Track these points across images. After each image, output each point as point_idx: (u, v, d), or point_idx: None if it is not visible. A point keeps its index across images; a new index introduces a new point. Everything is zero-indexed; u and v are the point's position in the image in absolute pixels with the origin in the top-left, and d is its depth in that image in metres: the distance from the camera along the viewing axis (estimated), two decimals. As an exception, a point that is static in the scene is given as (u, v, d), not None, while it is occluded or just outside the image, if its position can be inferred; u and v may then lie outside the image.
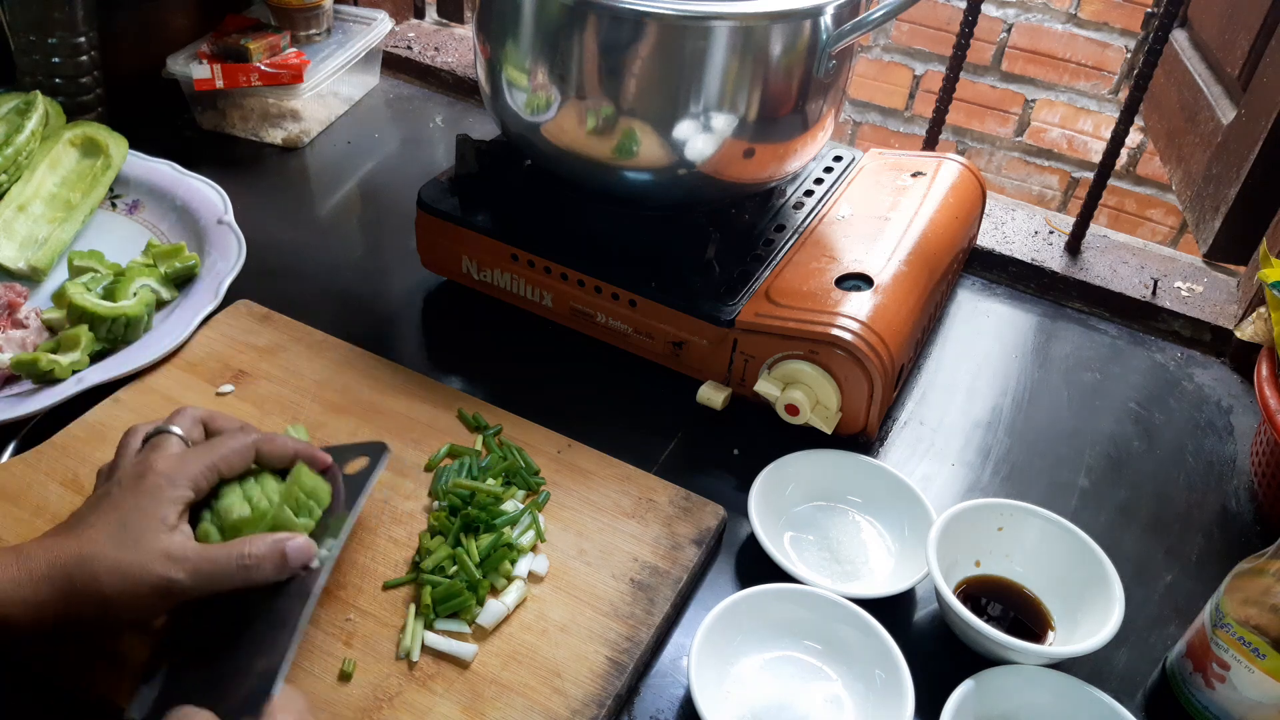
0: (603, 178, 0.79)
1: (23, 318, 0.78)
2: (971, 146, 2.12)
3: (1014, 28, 1.95)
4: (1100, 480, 0.78)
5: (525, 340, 0.85)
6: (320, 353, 0.79)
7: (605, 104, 0.73)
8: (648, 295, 0.78)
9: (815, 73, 0.75)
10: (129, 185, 0.95)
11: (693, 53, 0.70)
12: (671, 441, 0.77)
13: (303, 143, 1.10)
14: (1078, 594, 0.64)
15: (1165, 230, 2.02)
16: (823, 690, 0.60)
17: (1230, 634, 0.57)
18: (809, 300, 0.75)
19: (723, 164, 0.77)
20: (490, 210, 0.84)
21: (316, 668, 0.57)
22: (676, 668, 0.62)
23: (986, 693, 0.58)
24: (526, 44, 0.74)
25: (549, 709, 0.56)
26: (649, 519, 0.68)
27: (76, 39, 0.96)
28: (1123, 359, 0.91)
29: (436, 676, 0.58)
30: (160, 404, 0.73)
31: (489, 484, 0.67)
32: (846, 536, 0.70)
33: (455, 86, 1.24)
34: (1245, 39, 1.03)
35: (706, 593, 0.67)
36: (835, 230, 0.84)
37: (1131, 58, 1.91)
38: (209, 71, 1.03)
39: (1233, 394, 0.89)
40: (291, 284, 0.89)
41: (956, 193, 0.89)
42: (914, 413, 0.83)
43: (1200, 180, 1.06)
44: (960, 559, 0.66)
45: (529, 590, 0.63)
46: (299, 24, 1.12)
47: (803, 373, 0.74)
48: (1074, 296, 0.98)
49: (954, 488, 0.77)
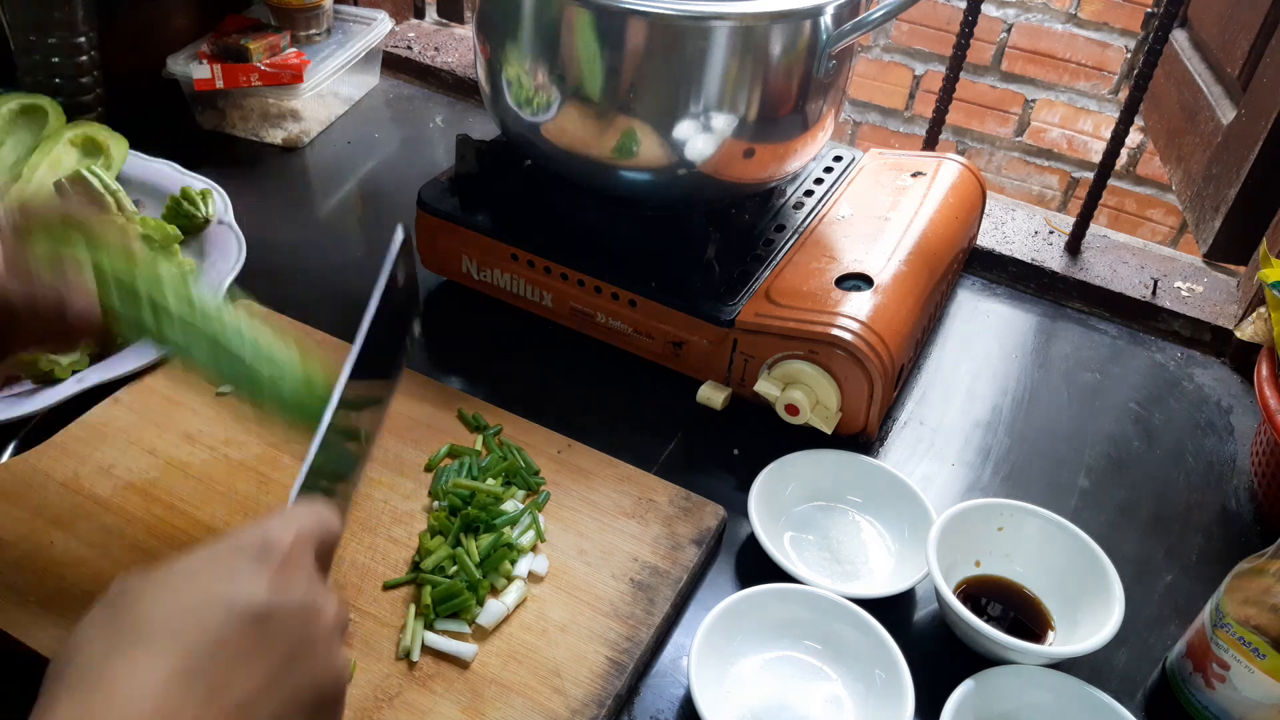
0: (603, 178, 0.79)
1: (23, 318, 0.78)
2: (971, 146, 2.12)
3: (1014, 28, 1.95)
4: (1100, 480, 0.78)
5: (525, 340, 0.85)
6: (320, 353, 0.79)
7: (605, 104, 0.73)
8: (648, 295, 0.78)
9: (815, 73, 0.75)
10: (129, 185, 0.94)
11: (693, 53, 0.70)
12: (671, 441, 0.77)
13: (303, 143, 1.10)
14: (1078, 594, 0.64)
15: (1165, 230, 2.02)
16: (823, 690, 0.60)
17: (1230, 634, 0.57)
18: (809, 300, 0.75)
19: (723, 164, 0.77)
20: (490, 210, 0.84)
21: (316, 668, 0.57)
22: (676, 668, 0.62)
23: (986, 693, 0.58)
24: (526, 44, 0.74)
25: (549, 709, 0.56)
26: (649, 519, 0.68)
27: (76, 39, 0.96)
28: (1123, 359, 0.91)
29: (436, 676, 0.58)
30: (160, 404, 0.73)
31: (489, 484, 0.67)
32: (846, 536, 0.70)
33: (455, 86, 1.24)
34: (1245, 39, 1.03)
35: (706, 593, 0.67)
36: (835, 230, 0.84)
37: (1131, 58, 1.91)
38: (209, 71, 1.03)
39: (1233, 394, 0.89)
40: (291, 284, 0.89)
41: (956, 193, 0.89)
42: (914, 413, 0.83)
43: (1200, 180, 1.06)
44: (960, 559, 0.66)
45: (529, 590, 0.63)
46: (299, 24, 1.12)
47: (803, 373, 0.74)
48: (1074, 296, 0.98)
49: (954, 488, 0.77)
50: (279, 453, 0.70)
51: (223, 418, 0.72)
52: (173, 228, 0.86)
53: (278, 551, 0.41)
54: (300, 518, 0.43)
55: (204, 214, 0.89)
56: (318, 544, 0.43)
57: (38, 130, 0.95)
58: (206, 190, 0.91)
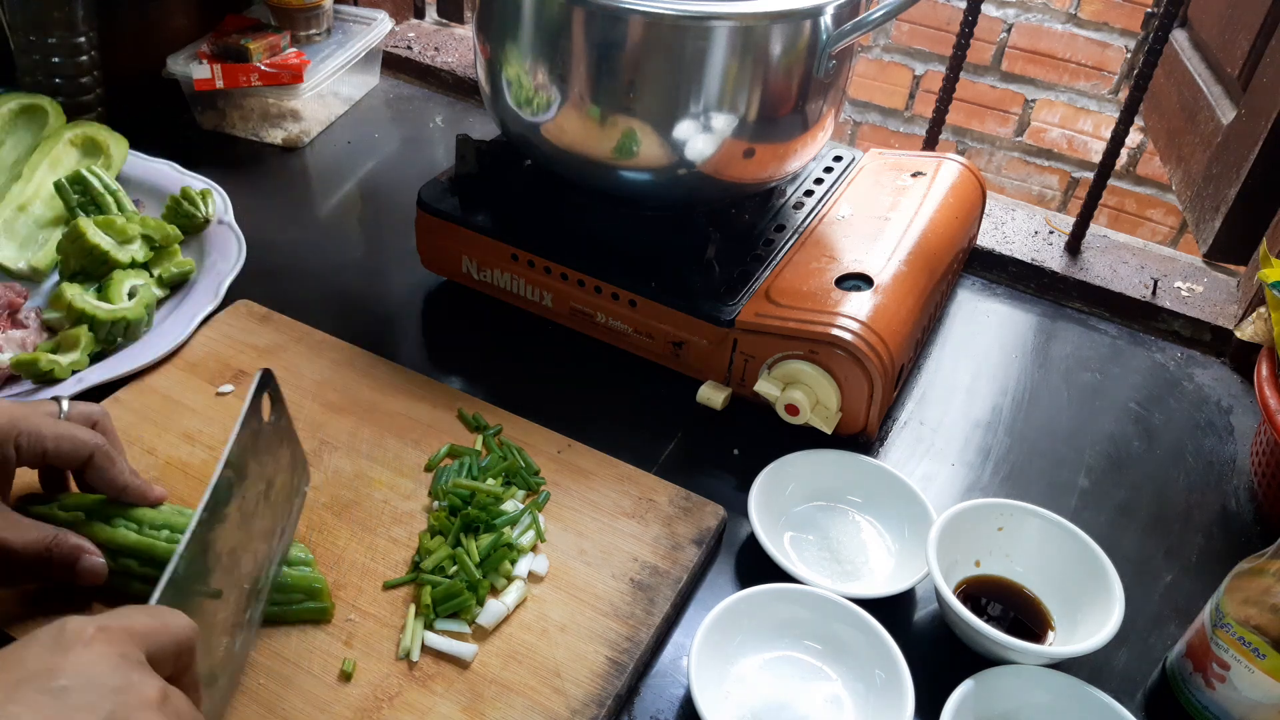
0: (603, 178, 0.79)
1: (23, 318, 0.78)
2: (971, 146, 2.12)
3: (1014, 28, 1.95)
4: (1100, 480, 0.78)
5: (525, 340, 0.85)
6: (320, 353, 0.79)
7: (605, 104, 0.73)
8: (648, 295, 0.78)
9: (815, 73, 0.75)
10: (129, 185, 0.94)
11: (693, 53, 0.70)
12: (671, 441, 0.77)
13: (303, 143, 1.10)
14: (1078, 594, 0.64)
15: (1165, 230, 2.02)
16: (823, 690, 0.60)
17: (1230, 634, 0.57)
18: (809, 300, 0.75)
19: (723, 164, 0.77)
20: (490, 210, 0.84)
21: (316, 667, 0.57)
22: (676, 668, 0.62)
23: (986, 693, 0.58)
24: (526, 44, 0.74)
25: (549, 709, 0.56)
26: (649, 519, 0.68)
27: (76, 39, 0.96)
28: (1123, 359, 0.91)
29: (436, 676, 0.58)
30: (160, 404, 0.73)
31: (489, 484, 0.67)
32: (846, 536, 0.70)
33: (455, 86, 1.24)
34: (1245, 39, 1.03)
35: (706, 593, 0.67)
36: (835, 230, 0.84)
37: (1131, 58, 1.91)
38: (209, 71, 1.03)
39: (1233, 394, 0.89)
40: (291, 284, 0.89)
41: (956, 193, 0.89)
42: (914, 413, 0.83)
43: (1200, 180, 1.06)
44: (960, 559, 0.66)
45: (529, 590, 0.63)
46: (299, 24, 1.12)
47: (803, 373, 0.74)
48: (1074, 296, 0.98)
49: (954, 488, 0.77)
50: (279, 453, 0.70)
51: (222, 418, 0.72)
52: (173, 228, 0.86)
53: (73, 636, 0.41)
54: (123, 616, 0.43)
55: (204, 214, 0.89)
56: (145, 641, 0.43)
57: (38, 130, 0.95)
58: (206, 190, 0.91)
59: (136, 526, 0.58)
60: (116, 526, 0.58)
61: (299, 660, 0.58)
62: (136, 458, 0.69)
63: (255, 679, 0.57)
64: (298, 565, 0.60)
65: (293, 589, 0.59)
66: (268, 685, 0.56)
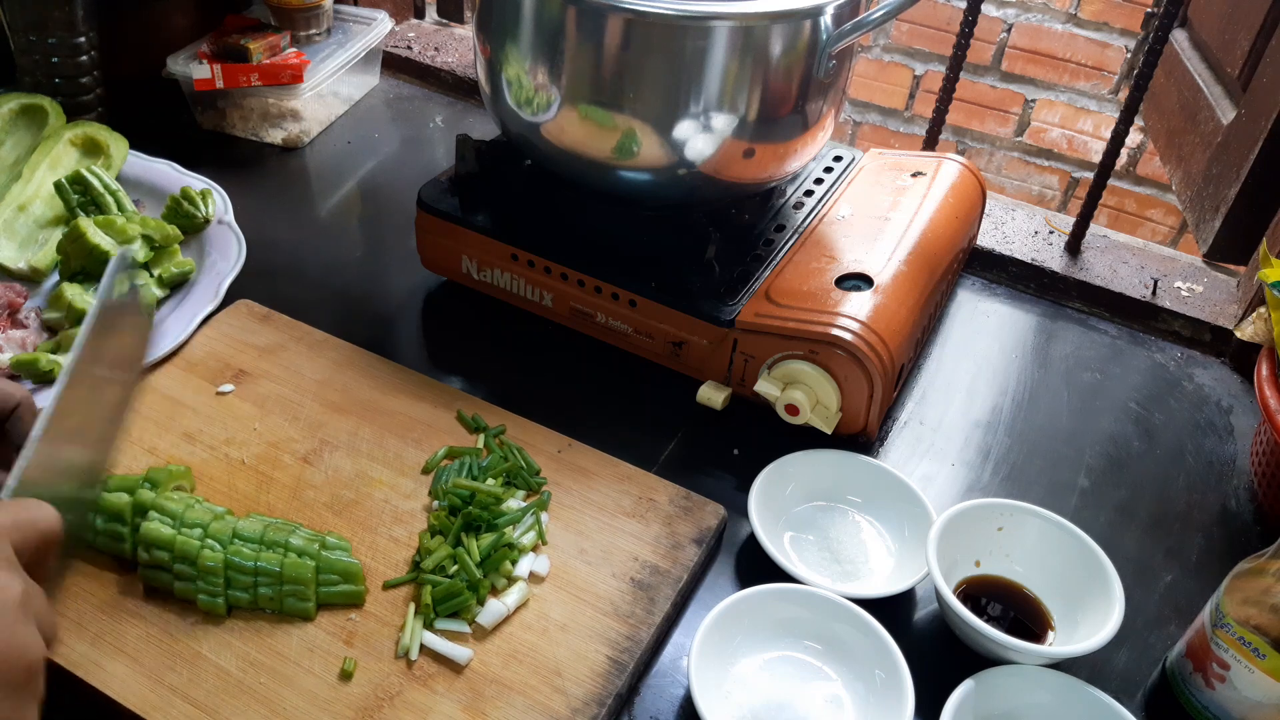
0: (603, 178, 0.79)
1: (23, 318, 0.78)
2: (971, 146, 2.12)
3: (1014, 28, 1.95)
4: (1100, 480, 0.78)
5: (525, 340, 0.85)
6: (320, 352, 0.79)
7: (605, 104, 0.73)
8: (648, 295, 0.78)
9: (815, 73, 0.75)
10: (129, 185, 0.94)
11: (693, 53, 0.70)
12: (671, 441, 0.77)
13: (303, 143, 1.10)
14: (1078, 594, 0.64)
15: (1165, 230, 2.02)
16: (823, 690, 0.60)
17: (1230, 634, 0.57)
18: (809, 300, 0.75)
19: (723, 164, 0.77)
20: (490, 210, 0.84)
21: (317, 667, 0.57)
22: (676, 668, 0.62)
23: (986, 693, 0.58)
24: (526, 44, 0.74)
25: (549, 708, 0.56)
26: (649, 518, 0.68)
27: (76, 39, 0.96)
28: (1123, 359, 0.91)
29: (437, 676, 0.58)
30: (160, 404, 0.73)
31: (489, 484, 0.67)
32: (846, 536, 0.70)
33: (455, 86, 1.24)
34: (1245, 39, 1.03)
35: (706, 593, 0.67)
36: (835, 230, 0.84)
37: (1131, 58, 1.91)
38: (209, 71, 1.03)
39: (1233, 394, 0.89)
40: (291, 284, 0.89)
41: (956, 193, 0.89)
42: (914, 413, 0.83)
43: (1200, 180, 1.06)
44: (960, 559, 0.66)
45: (529, 590, 0.63)
46: (299, 24, 1.12)
47: (803, 373, 0.74)
48: (1074, 296, 0.98)
49: (954, 488, 0.77)
50: (279, 451, 0.70)
51: (223, 417, 0.72)
52: (173, 228, 0.86)
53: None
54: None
55: (204, 214, 0.89)
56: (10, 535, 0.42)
57: (38, 130, 0.95)
58: (206, 190, 0.91)
59: (172, 523, 0.61)
60: (151, 520, 0.60)
61: (299, 659, 0.58)
62: (137, 457, 0.69)
63: (256, 678, 0.57)
64: (335, 550, 0.62)
65: (330, 571, 0.60)
66: (268, 684, 0.56)
